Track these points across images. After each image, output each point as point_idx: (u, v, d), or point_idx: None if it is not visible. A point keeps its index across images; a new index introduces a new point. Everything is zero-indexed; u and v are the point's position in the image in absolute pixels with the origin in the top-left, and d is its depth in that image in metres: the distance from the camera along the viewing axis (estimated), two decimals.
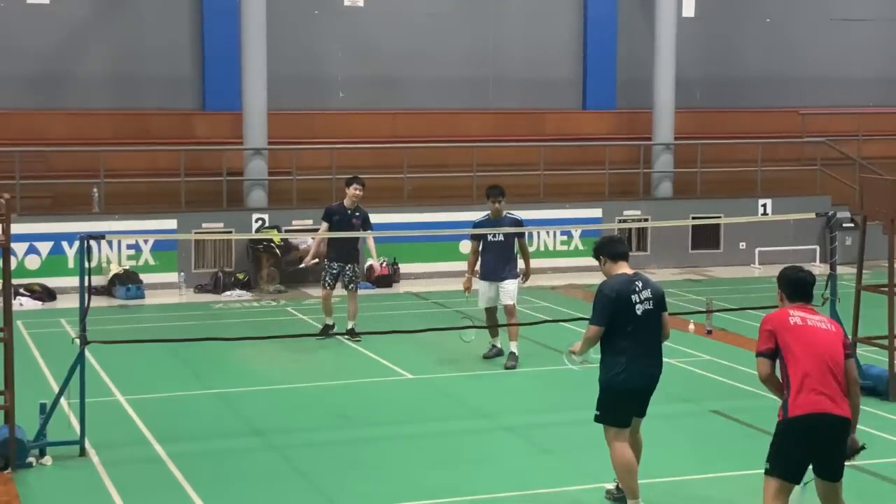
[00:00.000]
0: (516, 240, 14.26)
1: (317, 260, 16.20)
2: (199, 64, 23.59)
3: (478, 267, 14.49)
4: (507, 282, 14.19)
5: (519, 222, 14.34)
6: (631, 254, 23.93)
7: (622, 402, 8.80)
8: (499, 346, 14.57)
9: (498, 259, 14.20)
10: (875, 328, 13.26)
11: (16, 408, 10.22)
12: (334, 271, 15.71)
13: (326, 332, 15.72)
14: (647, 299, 8.81)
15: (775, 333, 7.59)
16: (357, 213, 15.81)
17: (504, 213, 14.33)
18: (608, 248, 9.03)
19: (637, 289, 8.81)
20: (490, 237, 14.13)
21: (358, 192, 15.82)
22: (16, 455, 10.12)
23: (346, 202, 15.83)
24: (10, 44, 22.59)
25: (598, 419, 8.87)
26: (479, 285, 14.43)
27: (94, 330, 11.41)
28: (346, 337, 15.61)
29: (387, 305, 18.97)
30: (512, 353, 14.22)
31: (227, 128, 22.90)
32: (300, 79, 23.96)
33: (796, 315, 7.64)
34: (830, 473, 7.64)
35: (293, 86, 23.64)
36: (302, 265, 15.90)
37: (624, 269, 8.93)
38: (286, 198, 22.15)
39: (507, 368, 14.12)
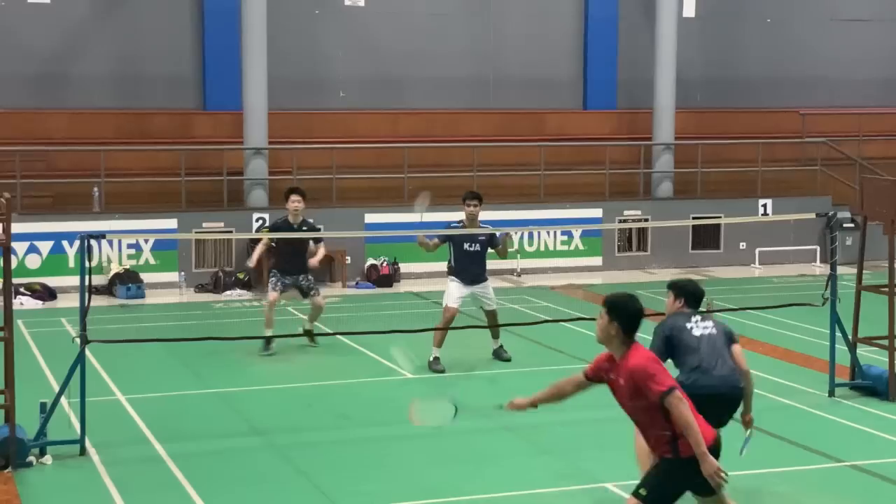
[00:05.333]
0: (489, 249, 14.53)
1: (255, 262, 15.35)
2: (200, 63, 23.58)
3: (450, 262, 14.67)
4: (483, 286, 14.47)
5: (493, 236, 14.50)
6: (631, 254, 23.66)
7: None
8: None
9: (472, 265, 14.44)
10: (875, 328, 13.25)
11: (16, 407, 10.23)
12: (287, 282, 15.16)
13: (269, 344, 14.97)
14: None
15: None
16: (304, 229, 15.04)
17: (479, 222, 14.49)
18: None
19: None
20: (466, 246, 14.37)
21: (297, 204, 14.97)
22: (16, 454, 10.13)
23: (290, 218, 15.07)
24: (10, 43, 22.58)
25: None
26: (451, 285, 14.52)
27: (95, 329, 11.42)
28: (304, 338, 15.20)
29: (387, 305, 18.96)
30: (501, 346, 14.80)
31: (228, 127, 22.89)
32: (301, 78, 23.95)
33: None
34: (709, 492, 7.41)
35: (294, 85, 23.63)
36: (248, 264, 15.63)
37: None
38: None
39: (505, 360, 14.64)
